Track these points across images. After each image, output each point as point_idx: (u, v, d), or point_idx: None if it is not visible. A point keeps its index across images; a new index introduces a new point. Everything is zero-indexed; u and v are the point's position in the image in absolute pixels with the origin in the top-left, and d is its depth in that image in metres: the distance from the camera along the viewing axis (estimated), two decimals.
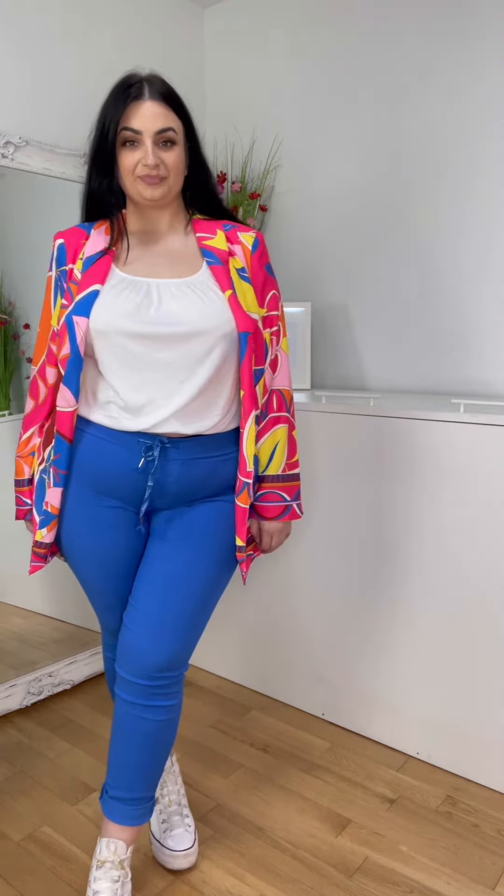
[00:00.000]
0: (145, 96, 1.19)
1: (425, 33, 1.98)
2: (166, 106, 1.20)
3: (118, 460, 1.26)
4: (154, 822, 1.52)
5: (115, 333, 1.20)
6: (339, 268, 2.28)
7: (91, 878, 1.34)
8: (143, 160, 1.19)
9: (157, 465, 1.24)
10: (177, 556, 1.30)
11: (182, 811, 1.52)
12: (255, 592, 2.10)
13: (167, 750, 1.36)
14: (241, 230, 1.32)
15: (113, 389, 1.24)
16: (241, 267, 1.28)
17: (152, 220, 1.29)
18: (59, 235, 1.31)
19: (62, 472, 1.27)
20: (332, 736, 1.94)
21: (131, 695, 1.30)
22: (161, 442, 1.24)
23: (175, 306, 1.21)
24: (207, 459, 1.28)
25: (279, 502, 1.36)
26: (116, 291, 1.22)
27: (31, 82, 2.01)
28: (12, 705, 2.01)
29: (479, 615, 1.67)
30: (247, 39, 2.41)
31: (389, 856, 1.51)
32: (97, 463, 1.27)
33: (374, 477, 1.79)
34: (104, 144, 1.21)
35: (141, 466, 1.24)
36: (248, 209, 2.32)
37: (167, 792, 1.53)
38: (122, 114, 1.19)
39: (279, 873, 1.47)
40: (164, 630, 1.27)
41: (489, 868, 1.48)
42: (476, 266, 1.98)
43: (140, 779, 1.34)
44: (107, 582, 1.35)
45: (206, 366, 1.23)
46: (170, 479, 1.27)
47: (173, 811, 1.51)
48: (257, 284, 1.31)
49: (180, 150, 1.23)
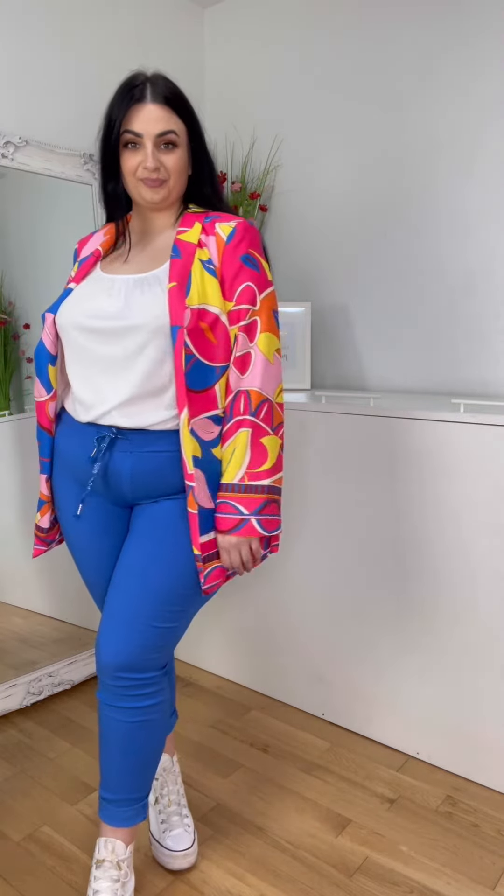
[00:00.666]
0: (147, 99, 1.21)
1: (425, 33, 1.98)
2: (168, 108, 1.21)
3: (78, 449, 1.30)
4: (153, 821, 1.52)
5: (70, 328, 1.25)
6: (339, 268, 2.28)
7: (91, 877, 1.34)
8: (143, 163, 1.21)
9: (103, 454, 1.25)
10: (137, 549, 1.28)
11: (181, 811, 1.52)
12: (255, 593, 2.10)
13: (151, 752, 1.31)
14: (222, 220, 1.26)
15: (71, 382, 1.30)
16: (208, 258, 1.23)
17: (150, 220, 1.32)
18: (79, 242, 1.40)
19: (45, 459, 1.35)
20: (332, 736, 1.94)
21: (102, 693, 1.29)
22: (112, 433, 1.24)
23: (121, 301, 1.21)
24: (159, 454, 1.25)
25: (233, 514, 1.22)
26: (85, 289, 1.27)
27: (31, 82, 2.01)
28: (12, 705, 2.01)
29: (480, 615, 1.67)
30: (247, 39, 2.41)
31: (389, 856, 1.51)
32: (65, 450, 1.33)
33: (374, 477, 1.79)
34: (108, 146, 1.25)
35: (93, 455, 1.26)
36: (248, 209, 2.32)
37: (167, 792, 1.53)
38: (124, 116, 1.21)
39: (279, 873, 1.47)
40: (120, 627, 1.25)
41: (489, 868, 1.48)
42: (476, 266, 1.98)
43: (124, 780, 1.31)
44: (90, 569, 1.38)
45: (141, 360, 1.21)
46: (124, 470, 1.26)
47: (173, 811, 1.51)
48: (227, 275, 1.23)
49: (182, 152, 1.24)
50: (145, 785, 1.34)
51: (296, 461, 1.94)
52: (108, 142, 1.24)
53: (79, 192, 2.10)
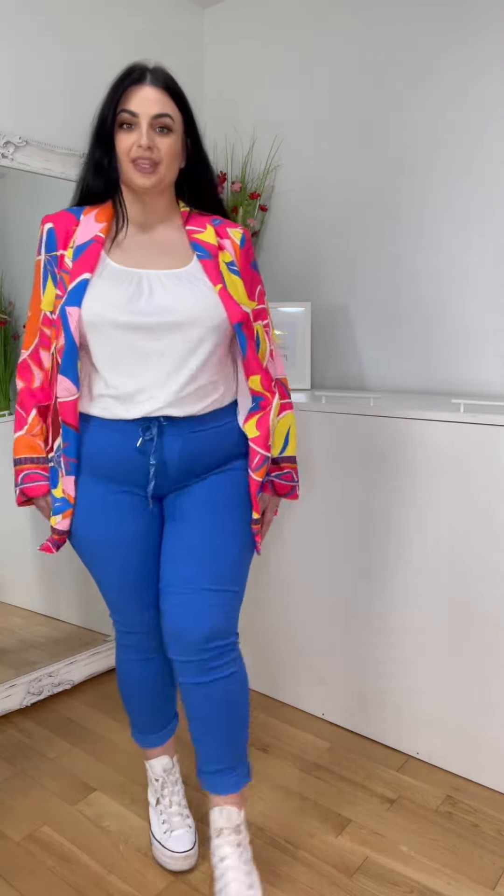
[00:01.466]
0: (146, 81, 1.21)
1: (425, 34, 1.98)
2: (166, 94, 1.22)
3: (118, 444, 1.27)
4: (154, 822, 1.52)
5: (106, 325, 1.21)
6: (339, 268, 2.28)
7: (212, 846, 1.35)
8: (137, 142, 1.20)
9: (156, 443, 1.26)
10: (199, 529, 1.31)
11: (182, 812, 1.52)
12: (255, 593, 2.10)
13: (246, 715, 1.38)
14: (229, 226, 1.34)
15: (104, 380, 1.26)
16: (231, 261, 1.31)
17: (147, 210, 1.30)
18: (47, 219, 1.30)
19: (72, 460, 1.28)
20: (332, 736, 1.94)
21: (192, 676, 1.31)
22: (157, 422, 1.26)
23: (166, 296, 1.23)
24: (206, 431, 1.30)
25: (290, 481, 1.43)
26: (107, 282, 1.23)
27: (31, 82, 2.01)
28: (12, 705, 2.01)
29: (480, 615, 1.67)
30: (247, 39, 2.41)
31: (389, 856, 1.51)
32: (99, 451, 1.28)
33: (374, 477, 1.79)
34: (103, 126, 1.23)
35: (140, 446, 1.26)
36: (248, 209, 2.32)
37: (168, 793, 1.53)
38: (121, 96, 1.21)
39: (279, 873, 1.47)
40: (206, 600, 1.29)
41: (489, 868, 1.48)
42: (477, 266, 1.98)
43: (227, 751, 1.36)
44: (127, 569, 1.35)
45: (196, 355, 1.25)
46: (172, 454, 1.28)
47: (174, 812, 1.51)
48: (246, 279, 1.34)
49: (176, 138, 1.24)
50: (244, 746, 1.39)
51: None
52: (104, 122, 1.23)
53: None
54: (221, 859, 1.34)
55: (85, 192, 1.31)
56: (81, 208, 1.30)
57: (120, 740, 1.92)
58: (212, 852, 1.37)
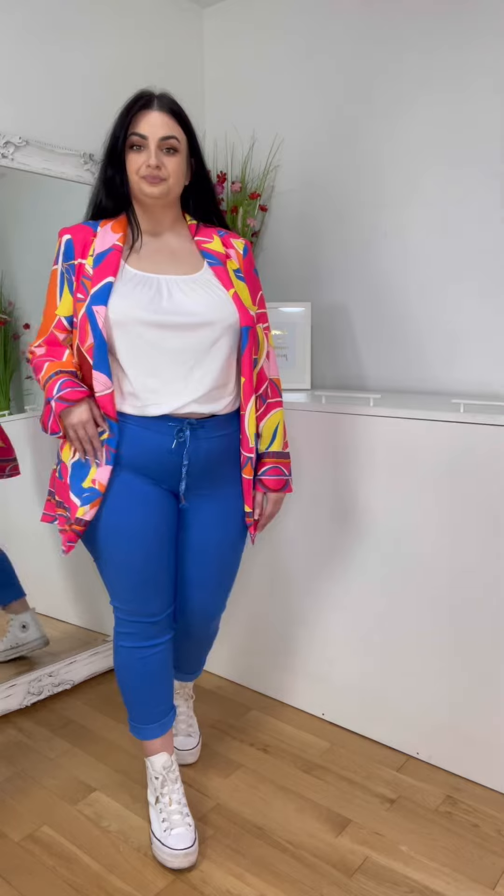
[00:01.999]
0: (154, 106, 1.35)
1: (425, 34, 1.98)
2: (172, 118, 1.36)
3: (153, 444, 1.39)
4: (155, 821, 1.53)
5: (132, 323, 1.33)
6: (339, 268, 2.28)
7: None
8: (146, 161, 1.34)
9: (188, 444, 1.40)
10: (217, 537, 1.53)
11: (182, 810, 1.52)
12: (255, 593, 2.10)
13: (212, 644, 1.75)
14: (232, 237, 1.50)
15: (130, 378, 1.37)
16: (237, 268, 1.46)
17: (156, 221, 1.43)
18: (65, 232, 1.41)
19: (112, 450, 1.38)
20: (332, 736, 1.94)
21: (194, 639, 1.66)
22: (189, 424, 1.39)
23: (186, 299, 1.36)
24: (222, 436, 1.45)
25: (281, 476, 1.54)
26: (130, 286, 1.35)
27: (31, 82, 2.01)
28: (12, 705, 2.01)
29: (480, 615, 1.67)
30: (247, 39, 2.41)
31: (389, 856, 1.51)
32: (134, 449, 1.39)
33: (374, 477, 1.79)
34: (115, 147, 1.37)
35: (174, 447, 1.39)
36: (248, 209, 2.32)
37: (167, 791, 1.53)
38: (131, 120, 1.35)
39: (279, 873, 1.47)
40: (220, 592, 1.60)
41: (489, 868, 1.48)
42: (477, 266, 1.98)
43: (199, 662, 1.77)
44: (150, 556, 1.44)
45: (213, 354, 1.39)
46: (199, 455, 1.43)
47: (174, 810, 1.51)
48: (250, 285, 1.48)
49: (181, 158, 1.38)
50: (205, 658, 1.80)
51: (295, 461, 1.94)
52: (116, 144, 1.37)
53: (79, 192, 2.10)
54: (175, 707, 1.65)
55: (98, 208, 1.44)
56: (97, 221, 1.43)
57: (120, 740, 1.92)
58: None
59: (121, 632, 1.51)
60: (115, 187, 1.40)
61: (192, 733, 1.84)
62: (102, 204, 1.43)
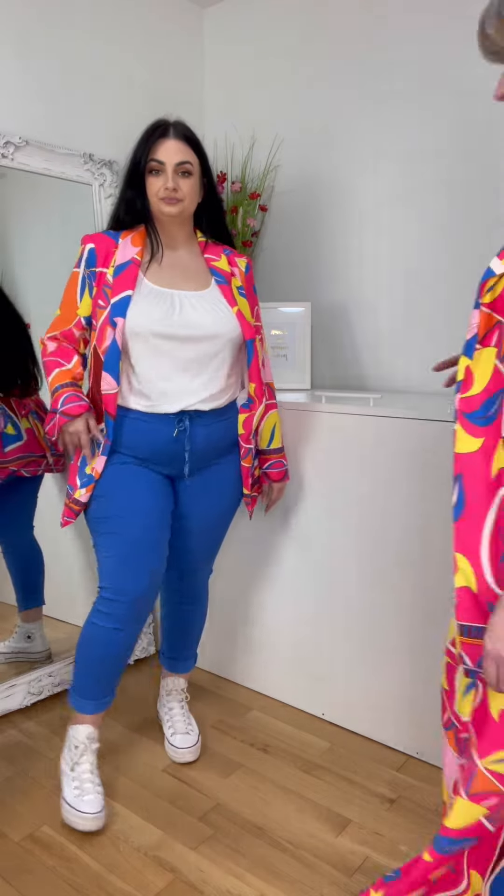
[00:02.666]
0: (170, 135, 1.52)
1: (425, 34, 1.98)
2: (186, 144, 1.53)
3: (156, 434, 1.57)
4: (67, 787, 1.62)
5: (149, 334, 1.51)
6: (338, 268, 2.28)
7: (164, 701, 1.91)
8: (164, 185, 1.51)
9: (188, 433, 1.58)
10: (211, 506, 1.72)
11: (94, 779, 1.62)
12: (255, 593, 2.10)
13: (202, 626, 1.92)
14: (237, 256, 1.69)
15: (142, 379, 1.55)
16: (240, 286, 1.65)
17: (172, 237, 1.61)
18: (88, 240, 1.58)
19: (109, 442, 1.56)
20: (332, 736, 1.94)
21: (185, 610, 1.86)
22: (188, 415, 1.58)
23: (194, 313, 1.55)
24: (220, 422, 1.64)
25: (282, 468, 1.81)
26: (147, 299, 1.52)
27: (31, 82, 2.01)
28: (12, 705, 2.01)
29: None
30: (247, 39, 2.41)
31: (389, 856, 1.51)
32: (138, 439, 1.58)
33: (374, 477, 1.80)
34: (136, 171, 1.54)
35: (176, 436, 1.58)
36: (248, 209, 2.32)
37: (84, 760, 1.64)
38: (150, 148, 1.51)
39: (279, 873, 1.47)
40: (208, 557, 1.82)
41: None
42: (477, 266, 1.98)
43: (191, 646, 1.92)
44: (148, 533, 1.58)
45: (215, 362, 1.59)
46: (200, 440, 1.61)
47: (87, 778, 1.62)
48: (249, 300, 1.67)
49: (195, 180, 1.55)
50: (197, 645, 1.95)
51: (295, 461, 1.94)
52: (137, 169, 1.54)
53: (79, 192, 2.10)
54: (170, 709, 1.89)
55: (118, 221, 1.60)
56: (118, 232, 1.59)
57: (120, 740, 1.92)
58: (162, 705, 1.92)
59: (99, 610, 1.61)
60: (135, 206, 1.57)
61: (190, 731, 1.86)
62: (121, 218, 1.60)
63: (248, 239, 2.31)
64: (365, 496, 1.82)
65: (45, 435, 1.54)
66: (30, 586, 2.05)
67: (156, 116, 1.59)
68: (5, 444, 1.88)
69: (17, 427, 1.91)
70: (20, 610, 2.05)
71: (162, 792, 1.71)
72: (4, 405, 1.90)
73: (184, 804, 1.67)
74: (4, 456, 1.88)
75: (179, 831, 1.58)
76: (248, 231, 2.32)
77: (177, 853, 1.52)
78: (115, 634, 1.59)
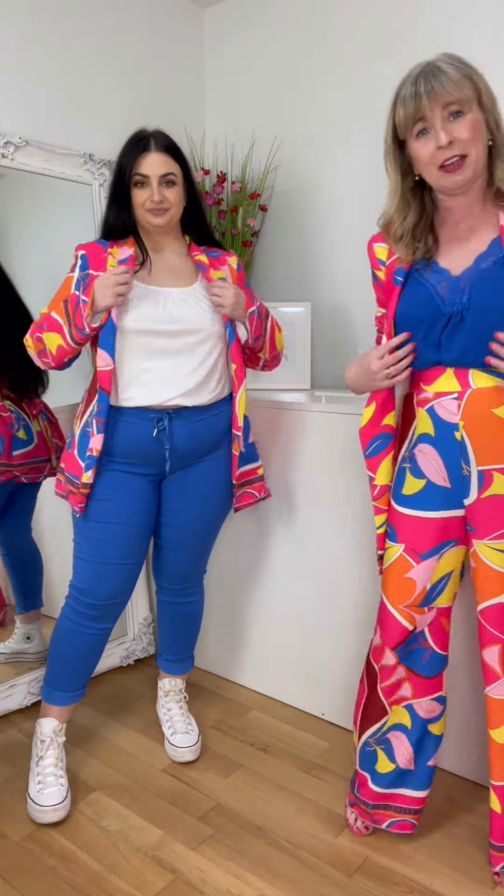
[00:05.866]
0: (152, 148, 1.55)
1: (425, 34, 1.98)
2: (168, 155, 1.56)
3: (137, 434, 1.58)
4: (31, 781, 1.65)
5: (136, 330, 1.55)
6: (339, 268, 2.28)
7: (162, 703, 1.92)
8: (150, 197, 1.55)
9: (168, 432, 1.59)
10: (201, 505, 1.71)
11: (57, 773, 1.65)
12: (254, 593, 2.10)
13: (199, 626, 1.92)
14: (227, 255, 1.72)
15: (126, 372, 1.56)
16: (223, 276, 1.66)
17: (159, 242, 1.65)
18: (81, 248, 1.62)
19: (103, 420, 1.55)
20: (332, 736, 1.94)
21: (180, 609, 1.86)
22: (168, 414, 1.58)
23: (175, 309, 1.58)
24: (204, 419, 1.64)
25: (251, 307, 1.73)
26: (136, 298, 1.56)
27: (31, 82, 2.02)
28: (12, 705, 2.01)
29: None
30: (247, 39, 2.41)
31: (389, 856, 1.51)
32: (120, 438, 1.58)
33: None
34: (121, 185, 1.57)
35: (156, 435, 1.59)
36: (248, 209, 2.32)
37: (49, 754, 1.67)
38: (133, 162, 1.54)
39: (279, 873, 1.47)
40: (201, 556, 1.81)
41: (489, 868, 1.48)
42: None
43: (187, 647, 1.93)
44: (130, 539, 1.63)
45: (198, 355, 1.60)
46: (180, 440, 1.61)
47: (50, 772, 1.65)
48: None
49: (179, 188, 1.59)
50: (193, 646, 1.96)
51: (295, 461, 1.94)
52: (122, 183, 1.56)
53: (79, 192, 2.10)
54: (169, 709, 1.91)
55: (106, 232, 1.64)
56: (107, 242, 1.62)
57: (120, 740, 1.92)
58: (160, 706, 1.93)
59: (71, 606, 1.68)
60: (122, 218, 1.60)
61: (189, 731, 1.86)
62: (111, 228, 1.63)
63: (248, 239, 2.32)
64: (365, 496, 1.82)
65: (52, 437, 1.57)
66: (29, 588, 2.06)
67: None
68: (15, 448, 1.90)
69: (29, 431, 1.93)
70: (19, 612, 2.05)
71: (162, 792, 1.71)
72: (19, 409, 1.91)
73: (184, 804, 1.67)
74: (11, 459, 1.89)
75: (179, 831, 1.58)
76: (248, 231, 2.32)
77: (177, 853, 1.52)
78: (85, 631, 1.66)
